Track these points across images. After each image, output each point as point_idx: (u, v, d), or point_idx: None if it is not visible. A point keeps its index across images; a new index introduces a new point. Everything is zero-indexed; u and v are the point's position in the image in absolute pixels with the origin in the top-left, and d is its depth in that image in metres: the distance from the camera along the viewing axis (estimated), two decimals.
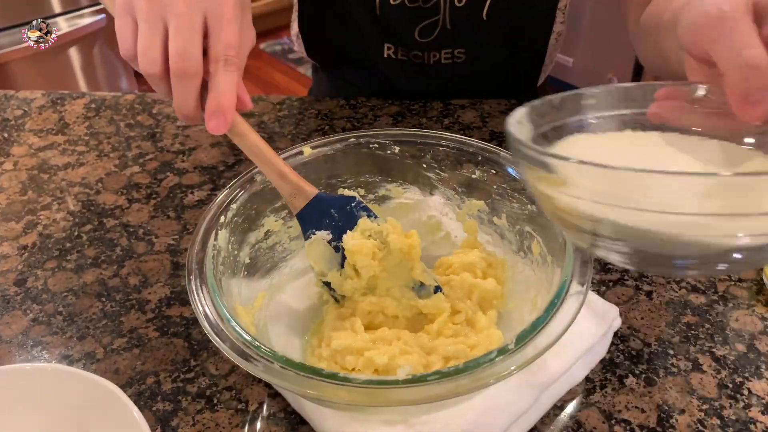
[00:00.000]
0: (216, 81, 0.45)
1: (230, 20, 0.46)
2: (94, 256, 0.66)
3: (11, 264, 0.65)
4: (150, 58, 0.45)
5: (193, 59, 0.44)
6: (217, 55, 0.45)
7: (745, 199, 0.30)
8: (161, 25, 0.44)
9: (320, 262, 0.52)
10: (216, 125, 0.45)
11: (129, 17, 0.46)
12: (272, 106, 0.89)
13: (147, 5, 0.44)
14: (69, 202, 0.74)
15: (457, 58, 0.87)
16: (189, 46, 0.44)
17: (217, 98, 0.45)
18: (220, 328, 0.42)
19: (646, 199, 0.31)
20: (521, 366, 0.39)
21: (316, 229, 0.52)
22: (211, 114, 0.45)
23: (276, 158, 0.50)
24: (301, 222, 0.52)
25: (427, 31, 0.84)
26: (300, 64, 2.98)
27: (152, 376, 0.53)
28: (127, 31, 0.46)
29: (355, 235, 0.51)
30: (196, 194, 0.74)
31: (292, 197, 0.51)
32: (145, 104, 0.91)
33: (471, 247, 0.56)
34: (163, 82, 0.46)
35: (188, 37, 0.44)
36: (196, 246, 0.48)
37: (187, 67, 0.44)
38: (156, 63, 0.45)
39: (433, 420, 0.45)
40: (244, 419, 0.50)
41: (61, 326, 0.58)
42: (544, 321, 0.41)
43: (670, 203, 0.31)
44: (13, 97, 0.94)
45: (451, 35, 0.84)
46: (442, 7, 0.82)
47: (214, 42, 0.45)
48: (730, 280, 0.61)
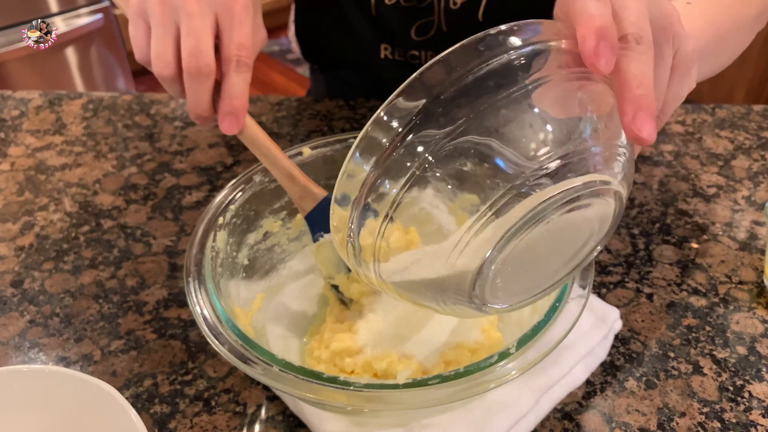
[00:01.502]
0: (229, 82, 0.45)
1: (242, 20, 0.46)
2: (92, 257, 0.65)
3: (8, 265, 0.65)
4: (164, 60, 0.45)
5: (206, 58, 0.44)
6: (229, 55, 0.45)
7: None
8: (173, 27, 0.45)
9: (328, 265, 0.52)
10: (229, 126, 0.46)
11: (142, 22, 0.46)
12: (270, 107, 0.89)
13: (159, 8, 0.45)
14: (66, 203, 0.73)
15: None
16: (201, 45, 0.44)
17: (231, 100, 0.45)
18: (219, 331, 0.42)
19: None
20: (522, 370, 0.39)
21: (324, 231, 0.51)
22: (224, 115, 0.45)
23: (285, 159, 0.49)
24: (310, 224, 0.51)
25: (423, 31, 0.84)
26: (298, 65, 2.98)
27: (150, 378, 0.53)
28: (140, 35, 0.47)
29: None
30: (194, 195, 0.74)
31: (301, 199, 0.50)
32: (143, 105, 0.91)
33: None
34: (176, 83, 0.46)
35: (200, 37, 0.44)
36: (195, 247, 0.48)
37: (201, 66, 0.44)
38: (170, 65, 0.45)
39: (433, 423, 0.45)
40: (243, 422, 0.50)
41: (58, 328, 0.58)
42: (545, 325, 0.41)
43: None
44: (9, 98, 0.94)
45: (447, 37, 0.84)
46: (437, 9, 0.81)
47: (226, 42, 0.46)
48: (731, 282, 0.61)
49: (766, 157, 0.78)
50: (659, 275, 0.62)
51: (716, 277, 0.62)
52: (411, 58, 0.87)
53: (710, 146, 0.80)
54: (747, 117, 0.86)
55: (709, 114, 0.87)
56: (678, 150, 0.80)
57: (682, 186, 0.74)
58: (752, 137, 0.82)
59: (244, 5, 0.46)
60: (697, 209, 0.70)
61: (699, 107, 0.89)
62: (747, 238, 0.66)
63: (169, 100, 0.92)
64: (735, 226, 0.68)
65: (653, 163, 0.77)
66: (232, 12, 0.46)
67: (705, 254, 0.64)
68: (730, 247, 0.65)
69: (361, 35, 0.87)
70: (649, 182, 0.74)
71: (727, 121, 0.85)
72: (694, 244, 0.65)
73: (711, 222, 0.68)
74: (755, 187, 0.73)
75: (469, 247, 0.35)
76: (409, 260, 0.37)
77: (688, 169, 0.76)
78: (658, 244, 0.65)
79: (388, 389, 0.38)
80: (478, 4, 0.81)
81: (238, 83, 0.45)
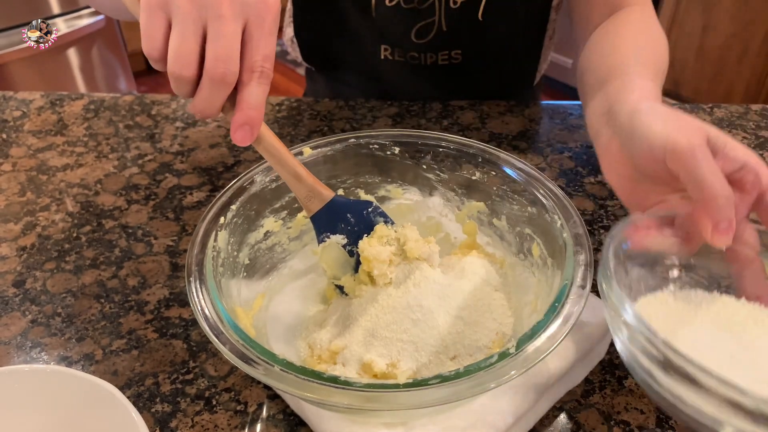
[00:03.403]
0: (249, 92, 0.43)
1: (270, 32, 0.44)
2: (93, 257, 0.66)
3: (10, 265, 0.65)
4: (185, 60, 0.42)
5: (234, 66, 0.42)
6: (254, 65, 0.43)
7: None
8: (200, 26, 0.42)
9: (334, 266, 0.52)
10: (243, 137, 0.43)
11: (161, 14, 0.43)
12: (271, 107, 0.89)
13: (188, 5, 0.42)
14: (68, 203, 0.74)
15: (454, 60, 0.87)
16: (231, 52, 0.42)
17: (248, 111, 0.43)
18: (220, 330, 0.42)
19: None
20: (521, 371, 0.39)
21: (330, 232, 0.51)
22: (239, 126, 0.43)
23: (292, 159, 0.48)
24: (316, 225, 0.51)
25: (423, 33, 0.84)
26: (298, 66, 2.99)
27: (151, 377, 0.53)
28: (157, 28, 0.43)
29: (371, 241, 0.50)
30: (195, 195, 0.74)
31: (307, 200, 0.50)
32: (144, 105, 0.91)
33: (470, 249, 0.56)
34: (190, 85, 0.44)
35: (231, 43, 0.42)
36: (196, 247, 0.48)
37: (228, 73, 0.42)
38: (191, 66, 0.42)
39: (433, 422, 0.45)
40: (243, 421, 0.50)
41: (59, 328, 0.58)
42: (545, 325, 0.41)
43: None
44: (11, 98, 0.94)
45: (447, 37, 0.85)
46: (438, 9, 0.82)
47: (252, 52, 0.43)
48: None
49: (764, 156, 0.79)
50: None
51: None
52: (411, 59, 0.87)
53: None
54: (745, 117, 0.86)
55: (708, 114, 0.87)
56: None
57: None
58: (750, 137, 0.82)
59: (275, 17, 0.44)
60: None
61: (697, 107, 0.89)
62: None
63: (170, 101, 0.92)
64: None
65: None
66: (264, 22, 0.44)
67: None
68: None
69: (361, 36, 0.87)
70: None
71: (725, 120, 0.86)
72: None
73: None
74: None
75: None
76: None
77: None
78: None
79: (389, 389, 0.38)
80: (478, 4, 0.81)
81: (258, 95, 0.43)
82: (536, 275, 0.51)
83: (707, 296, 0.45)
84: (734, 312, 0.44)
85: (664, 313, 0.44)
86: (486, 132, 0.83)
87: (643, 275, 0.45)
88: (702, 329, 0.43)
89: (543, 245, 0.51)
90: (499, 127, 0.84)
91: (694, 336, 0.42)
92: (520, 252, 0.54)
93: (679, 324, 0.43)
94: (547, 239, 0.50)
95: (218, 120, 0.87)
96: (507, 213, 0.55)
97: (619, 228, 0.44)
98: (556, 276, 0.47)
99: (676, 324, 0.43)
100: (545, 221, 0.50)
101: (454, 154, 0.56)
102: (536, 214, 0.52)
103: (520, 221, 0.54)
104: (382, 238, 0.50)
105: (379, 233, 0.50)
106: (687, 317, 0.44)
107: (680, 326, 0.43)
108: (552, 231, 0.49)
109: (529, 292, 0.51)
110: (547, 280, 0.48)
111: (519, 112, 0.88)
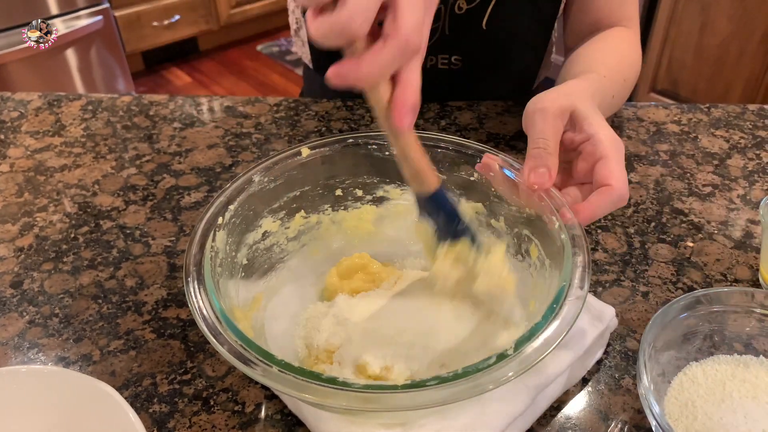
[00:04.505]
0: (414, 75, 0.42)
1: (430, 16, 0.44)
2: (91, 258, 0.66)
3: (7, 266, 0.65)
4: (365, 16, 0.38)
5: (424, 39, 0.41)
6: (424, 47, 0.42)
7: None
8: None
9: (426, 240, 0.51)
10: (411, 123, 0.43)
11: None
12: (269, 108, 0.89)
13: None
14: (65, 203, 0.74)
15: (454, 65, 0.87)
16: (424, 24, 0.41)
17: (415, 95, 0.42)
18: (218, 331, 0.42)
19: None
20: (519, 372, 0.39)
21: (425, 215, 0.50)
22: (408, 111, 0.42)
23: (413, 140, 0.46)
24: (417, 202, 0.50)
25: None
26: (297, 66, 2.98)
27: (149, 378, 0.53)
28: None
29: (445, 261, 0.49)
30: (193, 196, 0.74)
31: (413, 179, 0.48)
32: (142, 106, 0.91)
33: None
34: (353, 44, 0.41)
35: (423, 16, 0.41)
36: (194, 247, 0.48)
37: (418, 45, 0.40)
38: (366, 24, 0.39)
39: (431, 422, 0.45)
40: (241, 421, 0.50)
41: (57, 328, 0.58)
42: (543, 326, 0.41)
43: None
44: (9, 99, 0.94)
45: (449, 41, 0.84)
46: (443, 14, 0.82)
47: (426, 31, 0.42)
48: (726, 280, 0.61)
49: (761, 156, 0.79)
50: (655, 274, 0.62)
51: (712, 276, 0.62)
52: None
53: (706, 145, 0.81)
54: (742, 116, 0.87)
55: (705, 113, 0.87)
56: (673, 149, 0.80)
57: (678, 185, 0.74)
58: (747, 136, 0.82)
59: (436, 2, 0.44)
60: (692, 208, 0.70)
61: (694, 107, 0.89)
62: (742, 237, 0.66)
63: (168, 102, 0.92)
64: (730, 225, 0.68)
65: (649, 163, 0.78)
66: (434, 3, 0.43)
67: (700, 253, 0.65)
68: (726, 246, 0.65)
69: None
70: (644, 181, 0.74)
71: (722, 120, 0.86)
72: (690, 243, 0.66)
73: (706, 221, 0.69)
74: (750, 186, 0.74)
75: None
76: None
77: (684, 168, 0.77)
78: (653, 243, 0.66)
79: (387, 391, 0.38)
80: (483, 12, 0.81)
81: (419, 78, 0.42)
82: (534, 276, 0.51)
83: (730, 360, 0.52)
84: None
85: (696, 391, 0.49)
86: (484, 132, 0.84)
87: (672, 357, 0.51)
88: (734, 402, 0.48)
89: (541, 247, 0.51)
90: (497, 127, 0.85)
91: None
92: (518, 253, 0.54)
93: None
94: (545, 241, 0.50)
95: (216, 121, 0.87)
96: (505, 214, 0.55)
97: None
98: (553, 277, 0.47)
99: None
100: (543, 223, 0.50)
101: (452, 155, 0.56)
102: (534, 216, 0.52)
103: (518, 222, 0.54)
104: (457, 260, 0.49)
105: (458, 252, 0.49)
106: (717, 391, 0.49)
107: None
108: (550, 232, 0.49)
109: (527, 293, 0.51)
110: (545, 281, 0.48)
111: (517, 112, 0.88)
